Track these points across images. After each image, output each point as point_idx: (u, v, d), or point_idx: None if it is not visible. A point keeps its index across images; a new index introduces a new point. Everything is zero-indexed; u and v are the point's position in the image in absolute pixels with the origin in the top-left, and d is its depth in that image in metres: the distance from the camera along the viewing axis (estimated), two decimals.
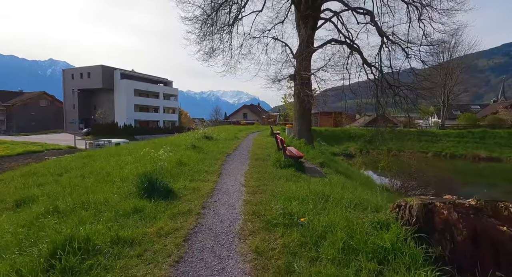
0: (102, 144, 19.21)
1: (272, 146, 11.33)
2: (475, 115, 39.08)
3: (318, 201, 3.61)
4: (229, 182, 5.41)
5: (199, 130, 13.05)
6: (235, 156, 8.94)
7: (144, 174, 4.71)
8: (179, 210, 3.62)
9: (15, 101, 53.15)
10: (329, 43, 13.27)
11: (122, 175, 5.56)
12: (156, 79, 56.19)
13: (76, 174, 6.35)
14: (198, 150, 9.06)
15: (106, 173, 6.03)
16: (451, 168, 22.80)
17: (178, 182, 5.06)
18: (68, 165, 7.71)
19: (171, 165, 6.33)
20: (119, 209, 3.47)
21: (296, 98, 13.18)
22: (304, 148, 11.14)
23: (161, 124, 53.39)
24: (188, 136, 13.14)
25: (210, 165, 6.91)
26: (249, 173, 6.29)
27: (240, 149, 10.87)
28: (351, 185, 5.59)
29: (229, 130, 22.28)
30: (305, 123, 13.22)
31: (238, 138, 15.10)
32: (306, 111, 13.13)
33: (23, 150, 23.65)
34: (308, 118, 13.37)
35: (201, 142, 11.14)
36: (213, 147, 10.33)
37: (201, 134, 12.74)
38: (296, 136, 13.33)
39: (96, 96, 48.55)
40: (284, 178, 5.73)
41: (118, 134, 40.12)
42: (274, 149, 10.03)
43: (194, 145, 9.69)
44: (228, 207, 3.91)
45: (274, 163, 7.29)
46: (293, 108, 13.80)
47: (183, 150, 8.87)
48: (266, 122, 48.05)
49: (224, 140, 13.11)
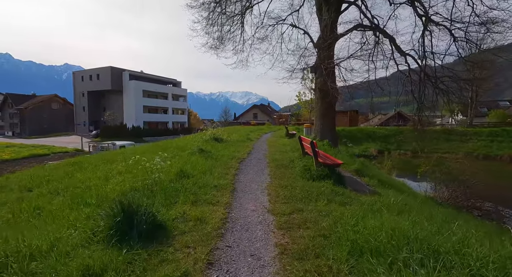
0: (106, 147, 18.09)
1: (293, 149, 9.66)
2: (506, 112, 35.93)
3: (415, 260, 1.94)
4: (247, 205, 3.80)
5: (208, 131, 11.55)
6: (251, 162, 7.34)
7: (123, 196, 3.18)
8: (167, 273, 2.04)
9: (28, 104, 53.80)
10: (355, 29, 11.47)
11: (102, 193, 4.07)
12: (165, 80, 55.53)
13: (50, 189, 4.93)
14: (206, 155, 7.52)
15: (84, 189, 4.57)
16: (489, 171, 20.32)
17: (174, 207, 3.50)
18: (49, 175, 6.34)
19: (169, 177, 4.81)
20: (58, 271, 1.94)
21: (317, 93, 11.47)
22: (330, 151, 9.42)
23: (170, 125, 52.60)
24: (195, 138, 11.68)
25: (220, 177, 5.32)
26: (272, 188, 4.66)
27: (255, 152, 9.26)
28: (427, 210, 3.86)
29: (240, 130, 20.75)
30: (328, 122, 11.46)
31: (251, 139, 13.51)
32: (330, 108, 11.37)
33: (28, 153, 22.99)
34: (332, 116, 11.61)
35: (209, 145, 9.62)
36: (224, 150, 8.77)
37: (210, 135, 11.24)
38: (318, 136, 11.59)
39: (106, 98, 48.26)
40: (324, 196, 4.07)
41: (127, 136, 39.45)
42: (296, 153, 8.37)
43: (201, 148, 8.17)
44: (251, 262, 2.30)
45: (303, 172, 5.64)
46: (314, 105, 12.03)
47: (188, 156, 7.36)
48: (278, 122, 46.32)
49: (235, 142, 11.55)
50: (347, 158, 8.76)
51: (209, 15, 12.25)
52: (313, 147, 5.57)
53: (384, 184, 6.55)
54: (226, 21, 12.81)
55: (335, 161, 5.59)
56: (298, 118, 44.78)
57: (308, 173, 5.47)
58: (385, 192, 5.11)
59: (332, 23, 10.59)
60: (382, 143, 29.40)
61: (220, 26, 12.97)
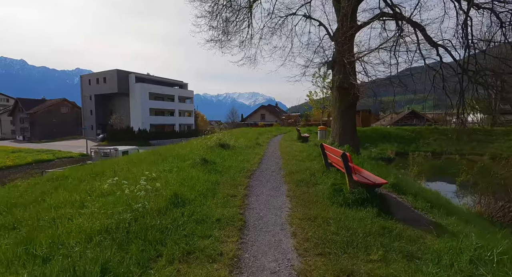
0: (108, 153, 17.22)
1: (309, 157, 8.38)
2: None
3: None
4: (263, 259, 2.56)
5: (213, 136, 10.37)
6: (263, 176, 6.10)
7: (87, 240, 2.01)
8: None
9: (37, 109, 54.32)
10: (377, 19, 10.07)
11: (61, 235, 2.92)
12: (171, 81, 55.02)
13: (6, 221, 3.83)
14: (210, 168, 6.33)
15: (48, 221, 3.45)
16: None
17: (155, 267, 2.29)
18: (21, 195, 5.29)
19: (158, 204, 3.63)
20: None
21: (335, 91, 10.13)
22: (355, 160, 8.09)
23: (177, 127, 51.98)
24: (200, 143, 10.54)
25: (225, 202, 4.11)
26: (296, 222, 3.41)
27: (267, 161, 8.01)
28: None
29: (248, 133, 19.55)
30: (348, 124, 10.10)
31: (260, 144, 12.27)
32: (350, 108, 10.00)
33: (32, 159, 22.48)
34: (352, 117, 10.24)
35: (214, 153, 8.45)
36: (230, 160, 7.58)
37: (216, 141, 10.07)
38: (336, 140, 10.25)
39: (113, 101, 48.05)
40: (375, 240, 2.80)
41: (133, 140, 38.93)
42: (315, 163, 7.09)
43: (204, 158, 6.99)
44: None
45: (332, 194, 4.36)
46: (331, 105, 10.69)
47: (188, 168, 6.20)
48: (286, 123, 44.90)
49: (243, 148, 10.34)
50: (377, 168, 7.38)
51: (213, 8, 11.11)
52: (346, 162, 4.28)
53: (431, 203, 5.17)
54: (232, 14, 11.66)
55: (376, 180, 4.28)
56: (307, 118, 43.27)
57: (340, 196, 4.19)
58: (448, 222, 3.77)
59: (353, 10, 9.25)
60: (399, 144, 27.57)
61: (225, 21, 11.82)
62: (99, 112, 47.67)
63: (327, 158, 6.02)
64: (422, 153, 26.75)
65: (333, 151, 5.32)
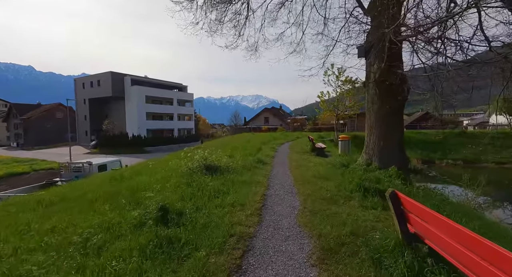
0: (80, 168, 14.26)
1: (345, 189, 5.24)
2: None
3: None
4: None
5: (197, 154, 7.23)
6: (269, 263, 2.93)
7: None
8: None
9: (31, 114, 52.16)
10: None
11: None
12: (170, 84, 52.34)
13: None
14: (165, 235, 3.21)
15: None
16: None
17: None
18: None
19: None
20: None
21: (372, 87, 6.95)
22: (417, 197, 4.92)
23: (176, 132, 49.14)
24: (177, 165, 7.46)
25: None
26: None
27: (275, 205, 4.84)
28: None
29: (249, 141, 16.42)
30: (392, 134, 6.89)
31: (264, 161, 9.11)
32: (396, 111, 6.80)
33: (4, 172, 19.70)
34: (398, 124, 7.02)
35: (191, 186, 5.34)
36: (211, 205, 4.46)
37: (200, 161, 6.98)
38: (374, 160, 7.05)
39: (108, 105, 45.48)
40: None
41: (127, 146, 36.15)
42: (371, 211, 3.94)
43: (165, 208, 3.88)
44: None
45: None
46: (367, 107, 7.44)
47: (122, 241, 3.10)
48: (292, 127, 41.69)
49: (240, 170, 7.21)
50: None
51: None
52: None
53: None
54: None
55: None
56: (315, 122, 40.03)
57: None
58: None
59: None
60: (422, 151, 24.09)
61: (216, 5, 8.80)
62: (93, 117, 45.10)
63: (407, 220, 2.84)
64: (450, 161, 23.37)
65: (423, 211, 2.15)
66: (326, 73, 18.86)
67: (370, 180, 5.44)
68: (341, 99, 19.49)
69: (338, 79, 18.76)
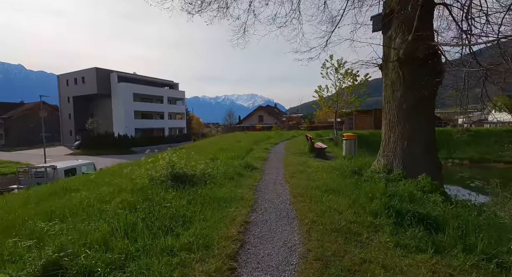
0: (43, 172, 12.31)
1: (357, 202, 3.53)
2: None
3: None
4: None
5: (165, 158, 5.45)
6: None
7: None
8: None
9: (12, 113, 49.33)
10: None
11: None
12: (160, 81, 50.10)
13: None
14: None
15: None
16: None
17: None
18: None
19: None
20: None
21: (394, 70, 5.26)
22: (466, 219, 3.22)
23: (167, 132, 46.98)
24: (136, 173, 5.65)
25: None
26: None
27: (259, 243, 3.11)
28: None
29: (240, 141, 14.67)
30: (421, 131, 5.22)
31: (254, 166, 7.36)
32: (425, 102, 5.15)
33: None
34: (429, 118, 5.35)
35: (143, 205, 3.56)
36: (166, 242, 2.70)
37: (165, 167, 5.21)
38: (397, 165, 5.39)
39: (94, 103, 43.07)
40: None
41: (112, 147, 33.99)
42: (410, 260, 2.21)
43: None
44: None
45: None
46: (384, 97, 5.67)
47: None
48: (287, 125, 40.07)
49: (219, 179, 5.46)
50: None
51: None
52: None
53: None
54: None
55: None
56: (311, 120, 38.50)
57: None
58: None
59: None
60: None
61: None
62: (78, 116, 42.65)
63: None
64: (456, 161, 22.06)
65: None
66: (324, 66, 17.20)
67: (401, 197, 3.75)
68: (341, 93, 17.84)
69: (338, 72, 17.09)
